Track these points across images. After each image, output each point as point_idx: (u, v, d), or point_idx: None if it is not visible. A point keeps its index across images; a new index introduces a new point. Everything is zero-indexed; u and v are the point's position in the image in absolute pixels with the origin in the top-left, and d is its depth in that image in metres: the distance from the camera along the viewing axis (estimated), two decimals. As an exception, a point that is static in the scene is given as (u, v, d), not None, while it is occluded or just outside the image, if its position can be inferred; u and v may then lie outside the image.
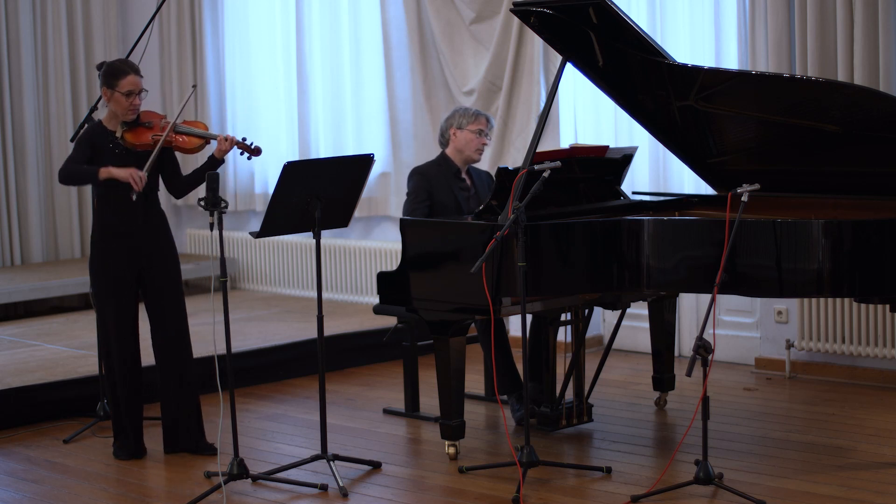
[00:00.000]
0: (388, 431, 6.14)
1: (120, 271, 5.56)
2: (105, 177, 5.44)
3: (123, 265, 5.56)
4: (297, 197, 5.20)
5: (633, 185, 7.30)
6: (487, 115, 6.14)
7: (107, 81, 5.52)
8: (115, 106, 5.53)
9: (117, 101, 5.51)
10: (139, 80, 5.53)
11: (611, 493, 5.03)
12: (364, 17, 8.71)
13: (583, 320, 5.92)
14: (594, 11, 5.38)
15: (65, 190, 9.72)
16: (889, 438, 5.68)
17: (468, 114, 6.07)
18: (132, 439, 5.68)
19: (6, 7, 9.42)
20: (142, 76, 5.56)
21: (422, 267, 5.51)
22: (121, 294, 5.57)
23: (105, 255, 5.56)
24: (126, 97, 5.48)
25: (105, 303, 5.60)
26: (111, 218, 5.55)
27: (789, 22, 6.69)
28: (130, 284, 5.59)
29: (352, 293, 8.90)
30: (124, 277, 5.57)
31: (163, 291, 5.62)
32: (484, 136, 6.07)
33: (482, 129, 6.05)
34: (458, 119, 6.06)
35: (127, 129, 5.54)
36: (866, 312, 6.68)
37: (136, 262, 5.57)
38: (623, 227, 5.21)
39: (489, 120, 6.12)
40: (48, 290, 8.68)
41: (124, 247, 5.55)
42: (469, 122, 6.03)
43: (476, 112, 6.08)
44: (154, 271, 5.60)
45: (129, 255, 5.56)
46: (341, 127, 8.90)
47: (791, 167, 5.68)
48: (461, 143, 6.05)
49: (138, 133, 5.54)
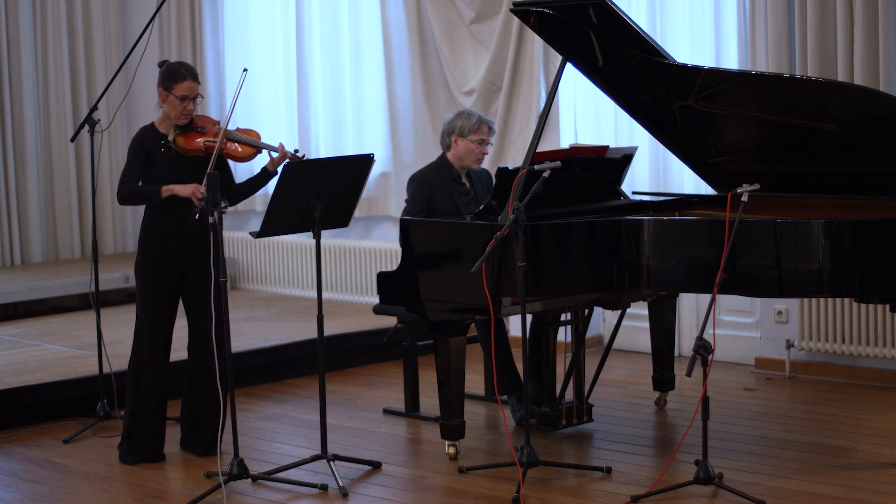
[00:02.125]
0: (388, 431, 6.14)
1: (166, 275, 5.55)
2: (168, 195, 5.43)
3: (170, 269, 5.55)
4: (297, 197, 5.19)
5: (633, 185, 7.30)
6: (490, 122, 6.06)
7: (163, 83, 5.46)
8: (168, 108, 5.49)
9: (171, 103, 5.46)
10: (196, 85, 5.48)
11: (611, 493, 5.03)
12: (364, 17, 8.71)
13: (583, 320, 5.92)
14: (594, 11, 5.38)
15: (65, 190, 9.72)
16: (889, 438, 5.68)
17: (470, 121, 5.98)
18: (152, 441, 5.63)
19: (6, 7, 9.42)
20: (199, 82, 5.52)
21: (422, 267, 5.51)
22: (163, 296, 5.56)
23: (153, 258, 5.54)
24: (180, 101, 5.44)
25: (147, 302, 5.57)
26: (162, 222, 5.52)
27: (789, 22, 6.69)
28: (174, 286, 5.58)
29: (352, 293, 8.90)
30: (169, 280, 5.56)
31: (204, 293, 5.53)
32: (485, 146, 6.02)
33: (483, 138, 6.00)
34: (461, 126, 5.98)
35: (179, 132, 5.50)
36: (866, 312, 6.68)
37: (181, 265, 5.56)
38: (623, 227, 5.21)
39: (491, 128, 6.04)
40: (48, 290, 8.68)
41: (172, 250, 5.54)
42: (471, 131, 5.97)
43: (479, 119, 5.99)
44: (197, 273, 5.55)
45: (176, 259, 5.54)
46: (341, 127, 8.90)
47: (791, 167, 5.68)
48: (461, 151, 6.02)
49: (190, 138, 5.50)
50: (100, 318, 6.30)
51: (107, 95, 8.34)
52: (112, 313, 8.53)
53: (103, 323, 6.39)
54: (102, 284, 6.69)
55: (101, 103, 7.19)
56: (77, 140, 7.38)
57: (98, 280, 6.34)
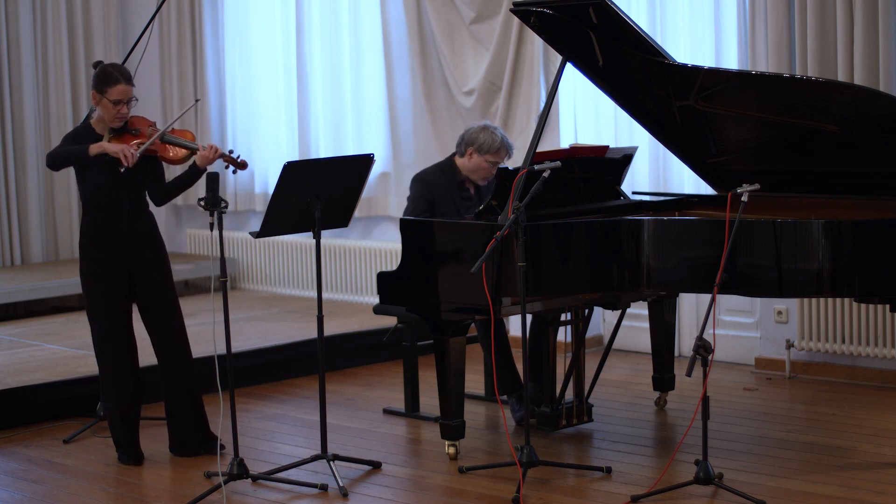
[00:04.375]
0: (388, 431, 6.14)
1: (110, 276, 5.49)
2: (96, 152, 5.35)
3: (113, 270, 5.49)
4: (297, 197, 5.19)
5: (633, 185, 7.30)
6: (510, 146, 5.94)
7: (97, 86, 5.43)
8: (102, 111, 5.46)
9: (105, 107, 5.43)
10: (129, 88, 5.43)
11: (611, 493, 5.03)
12: (364, 17, 8.71)
13: (583, 320, 5.92)
14: (594, 11, 5.38)
15: (65, 190, 9.72)
16: (889, 438, 5.68)
17: (493, 142, 5.87)
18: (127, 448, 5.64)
19: (6, 7, 9.42)
20: (133, 84, 5.46)
21: (422, 267, 5.51)
22: (112, 299, 5.50)
23: (94, 261, 5.49)
24: (114, 105, 5.41)
25: (96, 308, 5.52)
26: (98, 223, 5.48)
27: (789, 22, 6.69)
28: (122, 290, 5.52)
29: (352, 293, 8.90)
30: (115, 282, 5.50)
31: (156, 294, 5.56)
32: (495, 167, 5.92)
33: (499, 161, 5.93)
34: (482, 142, 5.88)
35: (114, 134, 5.48)
36: (866, 312, 6.69)
37: (126, 267, 5.51)
38: (623, 227, 5.21)
39: (509, 152, 5.95)
40: (48, 290, 8.68)
41: (112, 252, 5.48)
42: (489, 150, 5.87)
43: (502, 141, 5.87)
44: (146, 276, 5.54)
45: (117, 261, 5.49)
46: (341, 127, 8.90)
47: (791, 167, 5.68)
48: (472, 165, 5.97)
49: (124, 140, 5.46)
50: (100, 318, 6.30)
51: (107, 95, 8.37)
52: (112, 313, 8.54)
53: (103, 323, 6.39)
54: (102, 284, 6.72)
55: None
56: (77, 140, 7.38)
57: (98, 280, 6.33)
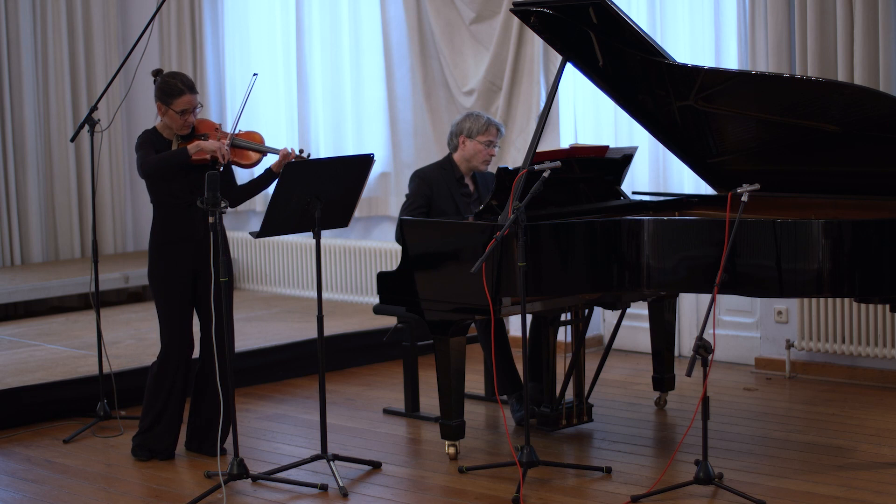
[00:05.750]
0: (388, 431, 6.14)
1: (181, 276, 5.54)
2: (195, 151, 5.36)
3: (184, 270, 5.54)
4: (297, 197, 5.20)
5: (633, 185, 7.30)
6: (499, 124, 6.06)
7: (161, 98, 5.44)
8: (168, 121, 5.47)
9: (171, 117, 5.45)
10: (194, 97, 5.44)
11: (611, 493, 5.03)
12: (364, 16, 8.71)
13: (583, 320, 5.92)
14: (594, 11, 5.38)
15: (65, 190, 9.72)
16: (889, 438, 5.68)
17: (479, 123, 5.99)
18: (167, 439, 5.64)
19: (6, 7, 9.42)
20: (196, 92, 5.48)
21: (422, 267, 5.51)
22: (181, 297, 5.55)
23: (168, 262, 5.53)
24: (180, 115, 5.43)
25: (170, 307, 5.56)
26: (173, 225, 5.51)
27: (789, 22, 6.69)
28: (188, 287, 5.56)
29: (352, 293, 8.90)
30: (184, 281, 5.55)
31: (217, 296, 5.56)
32: (493, 147, 6.03)
33: (492, 140, 6.00)
34: (469, 127, 5.99)
35: (182, 141, 5.50)
36: (866, 312, 6.69)
37: (194, 265, 5.54)
38: (623, 227, 5.21)
39: (500, 130, 6.05)
40: (48, 290, 8.68)
41: (184, 252, 5.52)
42: (479, 132, 5.97)
43: (487, 121, 6.00)
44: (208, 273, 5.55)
45: (188, 260, 5.53)
46: (341, 127, 8.90)
47: (791, 167, 5.68)
48: (469, 152, 6.02)
49: None
50: (100, 318, 6.31)
51: (107, 95, 8.37)
52: (112, 313, 8.54)
53: (103, 323, 6.40)
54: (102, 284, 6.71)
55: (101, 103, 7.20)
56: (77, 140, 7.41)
57: (98, 280, 6.34)
